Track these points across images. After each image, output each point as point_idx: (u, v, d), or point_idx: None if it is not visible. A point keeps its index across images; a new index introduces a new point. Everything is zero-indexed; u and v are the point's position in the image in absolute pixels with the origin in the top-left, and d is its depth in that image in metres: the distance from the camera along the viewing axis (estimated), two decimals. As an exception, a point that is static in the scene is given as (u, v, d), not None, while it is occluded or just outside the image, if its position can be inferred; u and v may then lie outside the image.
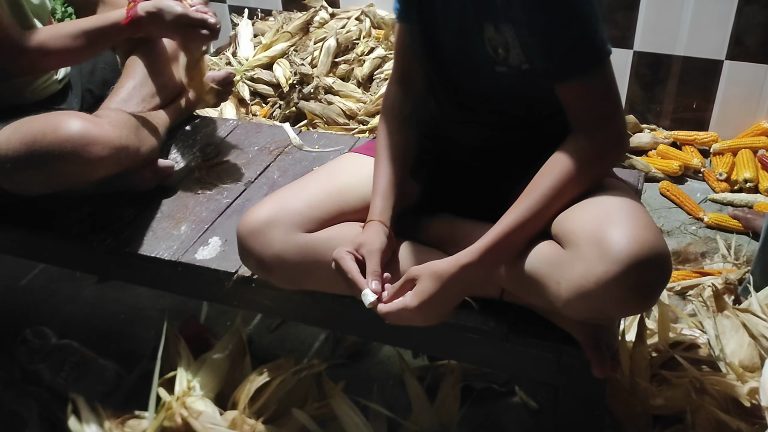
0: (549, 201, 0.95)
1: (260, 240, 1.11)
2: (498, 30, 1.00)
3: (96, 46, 1.45)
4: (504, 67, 1.03)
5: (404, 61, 1.19)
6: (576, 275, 0.86)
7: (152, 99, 1.59)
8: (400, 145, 1.14)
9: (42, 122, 1.26)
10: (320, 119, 2.18)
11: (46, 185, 1.29)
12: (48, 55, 1.37)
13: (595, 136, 0.95)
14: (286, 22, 2.52)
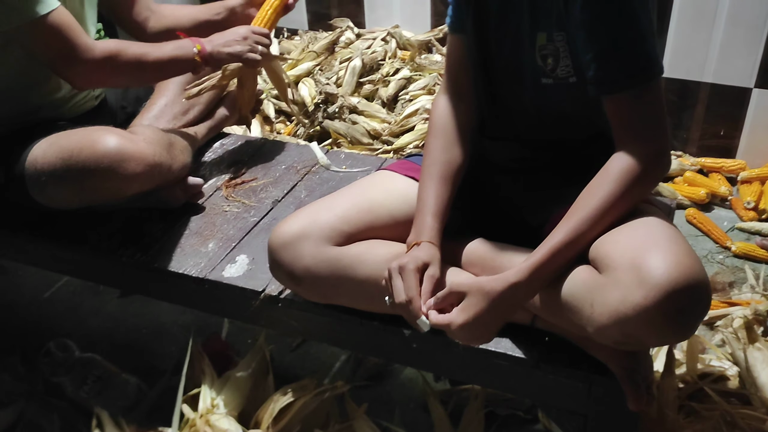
0: (596, 219, 0.94)
1: (291, 252, 1.12)
2: (550, 39, 1.01)
3: (161, 74, 1.50)
4: (550, 80, 1.04)
5: (456, 72, 1.19)
6: (612, 300, 0.86)
7: (183, 116, 1.61)
8: (451, 162, 1.13)
9: (79, 137, 1.28)
10: (344, 139, 2.19)
11: (80, 200, 1.31)
12: (115, 72, 1.39)
13: (640, 153, 0.95)
14: (312, 42, 2.55)
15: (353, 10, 2.63)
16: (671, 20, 2.05)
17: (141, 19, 1.65)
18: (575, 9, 0.94)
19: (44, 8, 1.26)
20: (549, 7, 0.99)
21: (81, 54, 1.32)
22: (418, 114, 2.17)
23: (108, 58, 1.35)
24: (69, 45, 1.30)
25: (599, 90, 0.98)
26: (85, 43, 1.32)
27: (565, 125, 1.10)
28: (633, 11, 0.92)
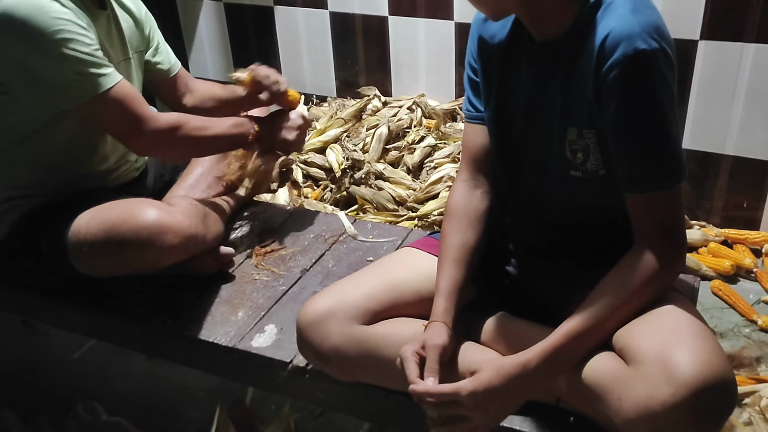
0: (611, 312, 0.96)
1: (319, 331, 1.14)
2: (581, 135, 1.04)
3: (218, 149, 1.57)
4: (579, 173, 1.07)
5: (473, 160, 1.23)
6: (640, 394, 0.87)
7: (217, 185, 1.67)
8: (465, 245, 1.17)
9: (121, 210, 1.34)
10: (370, 204, 2.24)
11: (118, 269, 1.36)
12: (177, 142, 1.46)
13: (659, 251, 0.97)
14: (340, 109, 2.62)
15: (380, 78, 2.72)
16: (691, 93, 2.10)
17: (179, 94, 1.75)
18: (608, 108, 0.97)
19: (109, 82, 1.33)
20: (581, 104, 1.02)
21: (146, 125, 1.38)
22: (443, 181, 2.21)
23: (171, 129, 1.42)
24: (134, 116, 1.37)
25: (628, 189, 1.01)
26: (149, 114, 1.39)
27: (589, 211, 1.13)
28: (664, 115, 0.95)
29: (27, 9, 1.24)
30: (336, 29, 2.71)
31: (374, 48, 2.67)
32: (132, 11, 1.59)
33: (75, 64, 1.29)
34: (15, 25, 1.24)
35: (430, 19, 2.50)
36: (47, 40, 1.26)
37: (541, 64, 1.05)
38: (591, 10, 0.98)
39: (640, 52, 0.91)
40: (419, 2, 2.49)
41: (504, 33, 1.13)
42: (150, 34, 1.65)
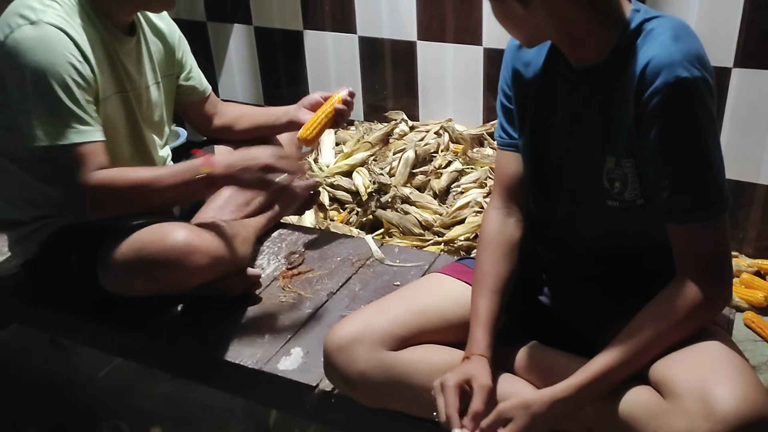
0: (649, 345, 0.95)
1: (346, 357, 1.13)
2: (619, 164, 1.02)
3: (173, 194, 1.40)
4: (616, 202, 1.05)
5: (506, 188, 1.22)
6: (677, 429, 0.84)
7: (245, 207, 1.68)
8: (501, 274, 1.16)
9: (150, 231, 1.35)
10: (396, 228, 2.23)
11: (147, 289, 1.37)
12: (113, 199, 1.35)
13: (702, 283, 0.95)
14: (367, 133, 2.64)
15: (408, 102, 2.73)
16: (724, 121, 2.07)
17: (208, 116, 1.77)
18: (648, 137, 0.96)
19: (78, 138, 1.29)
20: (620, 132, 1.01)
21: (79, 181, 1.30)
22: (470, 207, 2.20)
23: (103, 184, 1.31)
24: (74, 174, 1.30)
25: (669, 219, 0.99)
26: (86, 174, 1.30)
27: (626, 241, 1.11)
28: (706, 144, 0.94)
29: (34, 41, 1.26)
30: (364, 53, 2.73)
31: (402, 72, 2.68)
32: (165, 36, 1.61)
33: (57, 108, 1.28)
34: (20, 54, 1.26)
35: (458, 45, 2.51)
36: (42, 76, 1.26)
37: (579, 91, 1.05)
38: (630, 37, 0.98)
39: (681, 80, 0.90)
40: (448, 28, 2.51)
41: (540, 60, 1.12)
42: (182, 58, 1.68)
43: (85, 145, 1.31)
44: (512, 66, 1.18)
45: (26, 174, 1.43)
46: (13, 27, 1.28)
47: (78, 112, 1.30)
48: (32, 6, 1.30)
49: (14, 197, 1.47)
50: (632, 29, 0.98)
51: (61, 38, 1.28)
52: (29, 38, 1.27)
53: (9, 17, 1.31)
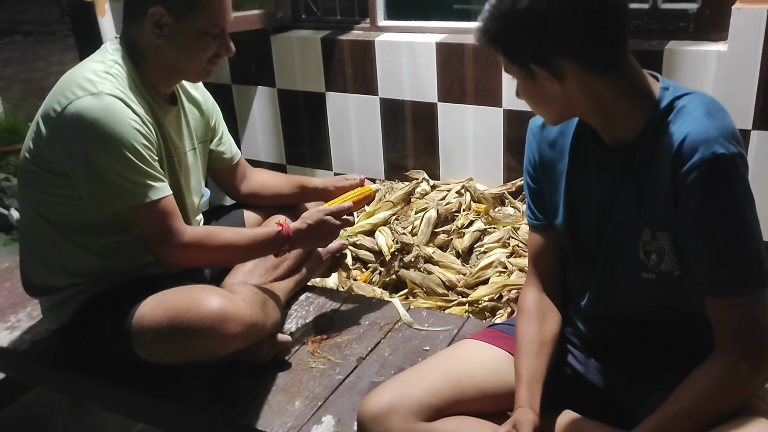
0: (688, 421, 0.94)
1: (380, 426, 1.13)
2: (655, 236, 1.03)
3: (246, 255, 1.56)
4: (652, 274, 1.05)
5: (540, 268, 1.24)
6: None
7: (274, 271, 1.70)
8: (541, 339, 1.17)
9: (184, 297, 1.36)
10: (420, 288, 2.24)
11: (180, 356, 1.37)
12: (201, 256, 1.48)
13: (742, 358, 0.94)
14: (389, 192, 2.67)
15: (428, 161, 2.77)
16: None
17: (237, 182, 1.81)
18: (686, 212, 0.96)
19: (155, 195, 1.37)
20: (655, 206, 1.01)
21: (174, 238, 1.40)
22: (493, 267, 2.20)
23: (195, 243, 1.44)
24: (167, 229, 1.39)
25: (709, 293, 0.99)
26: (180, 228, 1.41)
27: (661, 310, 1.11)
28: (745, 219, 0.94)
29: (99, 111, 1.31)
30: (385, 114, 2.79)
31: (423, 132, 2.73)
32: (200, 103, 1.67)
33: (131, 171, 1.35)
34: (86, 124, 1.31)
35: (478, 106, 2.56)
36: (112, 143, 1.32)
37: (613, 167, 1.06)
38: (662, 114, 1.00)
39: (719, 156, 0.91)
40: (468, 90, 2.56)
41: (566, 139, 1.14)
42: (215, 125, 1.72)
43: (164, 199, 1.39)
44: (537, 148, 1.19)
45: (67, 242, 1.46)
46: (72, 98, 1.32)
47: (151, 171, 1.37)
48: (89, 78, 1.35)
49: (52, 264, 1.49)
50: (663, 106, 1.00)
51: (122, 107, 1.34)
52: (93, 108, 1.31)
53: (66, 89, 1.35)
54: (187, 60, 1.43)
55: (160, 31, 1.40)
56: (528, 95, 1.06)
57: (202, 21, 1.39)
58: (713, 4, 2.18)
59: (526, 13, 0.95)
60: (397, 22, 2.77)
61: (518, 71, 1.02)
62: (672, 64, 2.18)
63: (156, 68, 1.44)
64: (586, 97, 1.00)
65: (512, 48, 1.00)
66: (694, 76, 2.15)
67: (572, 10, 0.94)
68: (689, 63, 2.16)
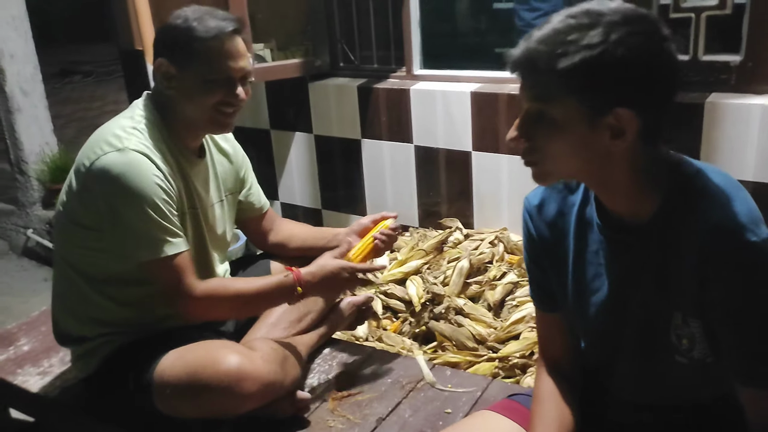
0: None
1: None
2: (686, 322, 0.98)
3: (258, 305, 1.59)
4: (685, 359, 1.00)
5: (552, 349, 1.19)
6: None
7: (298, 324, 1.70)
8: (559, 425, 1.12)
9: (204, 353, 1.37)
10: (449, 341, 2.20)
11: (198, 412, 1.38)
12: (215, 308, 1.49)
13: None
14: (421, 240, 2.65)
15: (462, 209, 2.75)
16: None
17: (265, 231, 1.82)
18: (718, 299, 0.91)
19: (171, 250, 1.40)
20: (683, 292, 0.96)
21: (187, 292, 1.42)
22: (525, 321, 2.15)
23: (208, 297, 1.44)
24: (180, 285, 1.41)
25: (744, 383, 0.94)
26: (190, 284, 1.42)
27: (694, 393, 1.06)
28: None
29: (123, 166, 1.35)
30: (420, 161, 2.79)
31: (457, 180, 2.72)
32: (229, 155, 1.70)
33: (151, 225, 1.37)
34: (111, 179, 1.35)
35: (513, 156, 2.53)
36: (134, 197, 1.35)
37: (627, 250, 1.01)
38: (680, 193, 0.95)
39: (751, 244, 0.87)
40: (502, 139, 2.55)
41: (567, 219, 1.08)
42: (244, 176, 1.75)
43: (179, 255, 1.41)
44: (536, 229, 1.12)
45: (95, 292, 1.49)
46: (99, 154, 1.37)
47: (169, 226, 1.40)
48: (117, 134, 1.40)
49: (81, 314, 1.52)
50: (680, 184, 0.95)
51: (145, 162, 1.37)
52: (118, 164, 1.35)
53: (95, 145, 1.40)
54: (194, 109, 1.46)
55: (169, 82, 1.45)
56: (560, 142, 0.92)
57: (202, 68, 1.42)
58: (757, 56, 2.13)
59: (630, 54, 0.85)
60: (433, 71, 2.79)
61: (576, 115, 0.89)
62: (714, 118, 2.13)
63: (177, 121, 1.49)
64: (624, 162, 0.92)
65: (600, 88, 0.87)
66: (737, 130, 2.09)
67: (670, 64, 0.89)
68: (732, 116, 2.10)
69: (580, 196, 1.07)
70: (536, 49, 0.89)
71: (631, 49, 0.85)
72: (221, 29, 1.41)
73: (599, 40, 0.85)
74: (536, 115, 0.92)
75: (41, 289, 3.35)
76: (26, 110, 3.62)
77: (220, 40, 1.41)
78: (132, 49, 3.37)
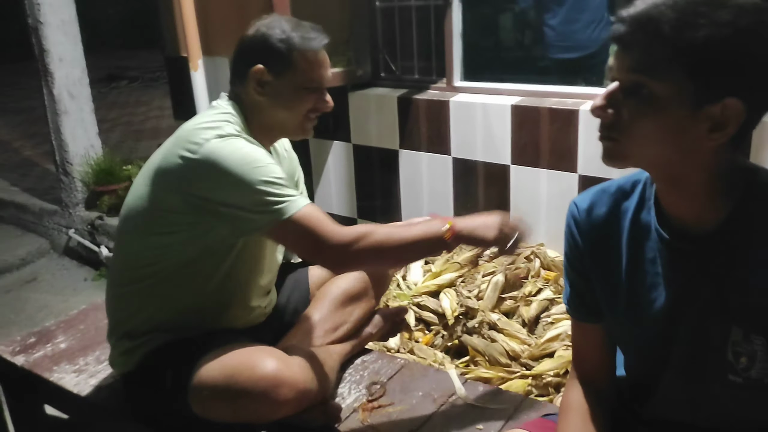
0: None
1: None
2: (748, 338, 0.92)
3: (415, 256, 1.60)
4: (740, 378, 0.94)
5: (587, 362, 1.15)
6: None
7: (333, 333, 1.69)
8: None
9: (241, 357, 1.38)
10: (482, 356, 2.17)
11: (232, 416, 1.38)
12: (367, 255, 1.42)
13: None
14: (457, 253, 2.63)
15: (499, 223, 2.72)
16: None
17: None
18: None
19: (293, 208, 1.37)
20: (749, 306, 0.91)
21: (327, 243, 1.38)
22: (560, 339, 2.12)
23: (353, 242, 1.39)
24: (315, 238, 1.37)
25: None
26: (331, 232, 1.38)
27: (743, 417, 1.00)
28: None
29: (232, 146, 1.38)
30: (457, 174, 2.78)
31: (494, 194, 2.70)
32: (287, 162, 1.75)
33: (274, 188, 1.37)
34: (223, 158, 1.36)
35: (552, 170, 2.51)
36: (253, 167, 1.36)
37: (690, 259, 0.95)
38: (753, 200, 0.89)
39: None
40: (542, 153, 2.52)
41: (619, 225, 1.02)
42: (298, 182, 1.79)
43: (309, 206, 1.40)
44: (584, 234, 1.06)
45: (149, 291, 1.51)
46: (202, 143, 1.39)
47: (289, 186, 1.41)
48: (211, 126, 1.42)
49: (134, 311, 1.54)
50: (754, 193, 0.89)
51: (247, 142, 1.42)
52: (225, 147, 1.38)
53: (191, 137, 1.41)
54: (287, 115, 1.51)
55: (262, 88, 1.49)
56: (652, 123, 0.85)
57: (299, 77, 1.48)
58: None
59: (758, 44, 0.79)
60: (473, 83, 2.78)
61: (681, 97, 0.82)
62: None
63: (260, 124, 1.52)
64: (707, 160, 0.86)
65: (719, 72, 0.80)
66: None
67: None
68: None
69: (635, 200, 1.01)
70: (662, 12, 0.80)
71: (760, 40, 0.79)
72: (318, 42, 1.49)
73: (728, 20, 0.78)
74: (633, 87, 0.84)
75: (81, 288, 3.43)
76: (73, 113, 3.72)
77: (315, 51, 1.49)
78: (177, 56, 3.44)
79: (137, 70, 9.07)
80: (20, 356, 1.86)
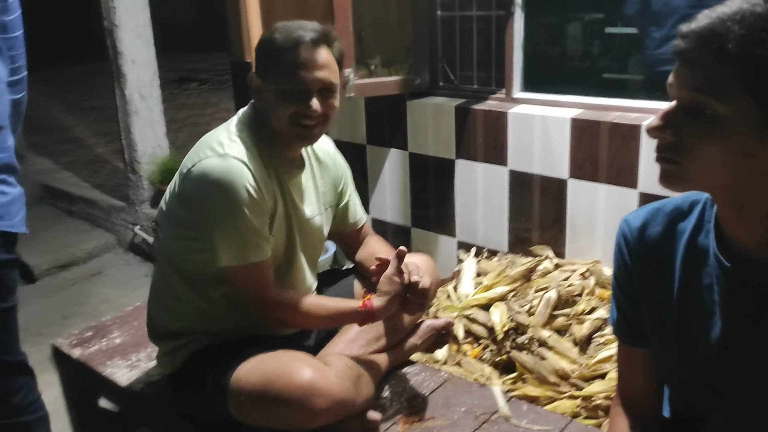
0: None
1: None
2: None
3: (331, 323, 1.63)
4: None
5: (633, 387, 1.11)
6: None
7: (376, 342, 1.69)
8: None
9: (279, 364, 1.39)
10: (530, 374, 2.12)
11: (269, 422, 1.39)
12: (295, 316, 1.54)
13: None
14: (509, 266, 2.58)
15: (554, 236, 2.66)
16: None
17: (355, 246, 1.83)
18: None
19: (258, 257, 1.45)
20: None
21: (260, 299, 1.50)
22: (612, 361, 2.04)
23: (281, 306, 1.51)
24: (254, 291, 1.48)
25: None
26: (266, 293, 1.49)
27: None
28: None
29: (221, 172, 1.40)
30: (513, 186, 2.73)
31: (551, 208, 2.64)
32: (329, 169, 1.72)
33: (236, 233, 1.43)
34: (207, 182, 1.41)
35: (611, 186, 2.43)
36: (225, 203, 1.41)
37: (752, 286, 0.89)
38: None
39: None
40: (601, 168, 2.45)
41: (674, 246, 0.98)
42: (343, 190, 1.77)
43: (261, 263, 1.47)
44: (636, 254, 1.02)
45: (189, 291, 1.55)
46: (202, 158, 1.43)
47: (253, 236, 1.45)
48: (221, 141, 1.46)
49: (176, 311, 1.58)
50: None
51: (241, 170, 1.42)
52: (216, 169, 1.41)
53: (201, 149, 1.47)
54: (275, 120, 1.49)
55: (258, 95, 1.50)
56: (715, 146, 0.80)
57: (278, 80, 1.45)
58: None
59: None
60: (533, 95, 2.73)
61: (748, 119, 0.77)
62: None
63: (269, 132, 1.52)
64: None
65: None
66: None
67: None
68: None
69: (692, 222, 0.97)
70: (728, 27, 0.75)
71: None
72: (298, 39, 1.42)
73: None
74: (694, 107, 0.79)
75: (141, 284, 3.54)
76: (143, 113, 3.86)
77: (295, 50, 1.42)
78: (242, 61, 3.52)
79: (207, 72, 9.32)
80: (77, 349, 1.94)
